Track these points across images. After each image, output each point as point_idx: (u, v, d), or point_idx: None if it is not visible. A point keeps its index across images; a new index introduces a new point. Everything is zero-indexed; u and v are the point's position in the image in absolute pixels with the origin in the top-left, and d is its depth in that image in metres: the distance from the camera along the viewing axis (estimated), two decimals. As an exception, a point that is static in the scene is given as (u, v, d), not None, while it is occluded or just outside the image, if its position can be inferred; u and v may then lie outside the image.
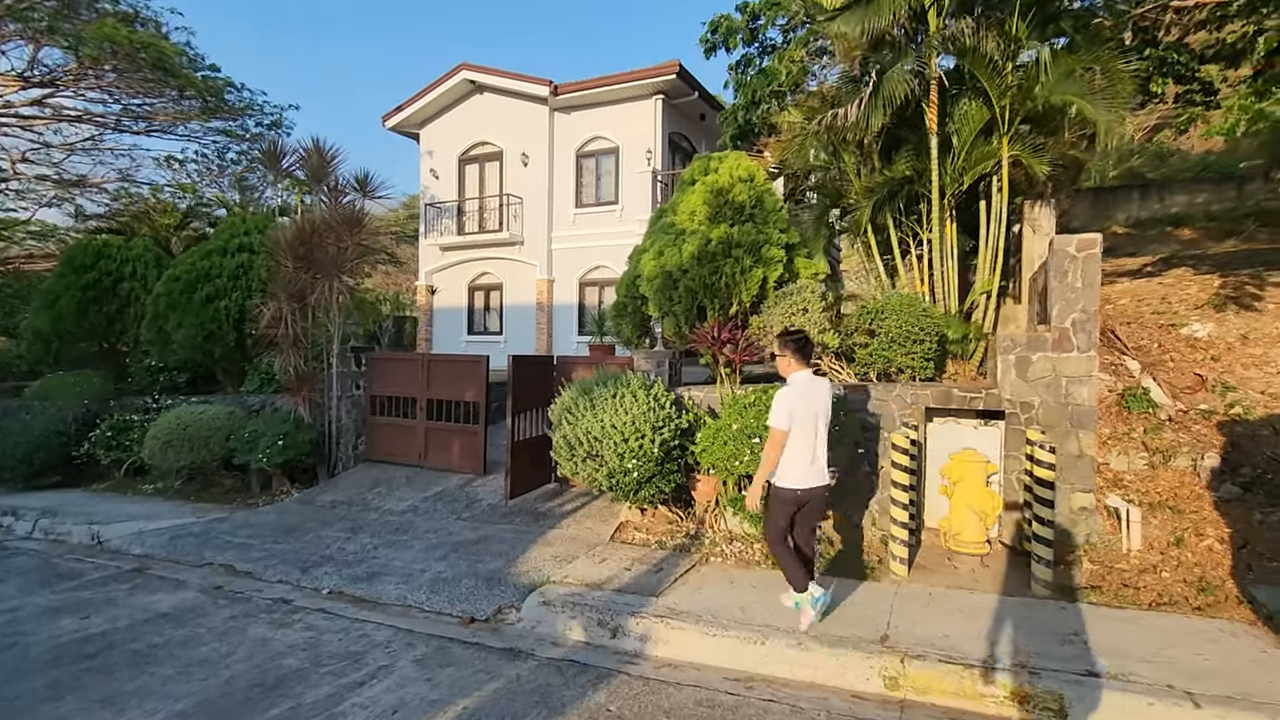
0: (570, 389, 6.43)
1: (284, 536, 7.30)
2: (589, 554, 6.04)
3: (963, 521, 5.33)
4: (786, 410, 4.28)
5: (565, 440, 6.11)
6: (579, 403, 6.14)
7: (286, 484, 9.26)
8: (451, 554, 6.43)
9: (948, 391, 6.06)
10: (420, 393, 9.17)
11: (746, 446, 5.51)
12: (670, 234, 7.38)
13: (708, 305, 6.94)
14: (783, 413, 4.28)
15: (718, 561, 5.82)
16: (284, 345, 8.92)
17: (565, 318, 19.41)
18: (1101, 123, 6.71)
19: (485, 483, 8.54)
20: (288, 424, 8.97)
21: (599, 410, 6.02)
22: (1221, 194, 18.15)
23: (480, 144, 20.46)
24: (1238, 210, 16.51)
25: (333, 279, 8.73)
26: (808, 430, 4.33)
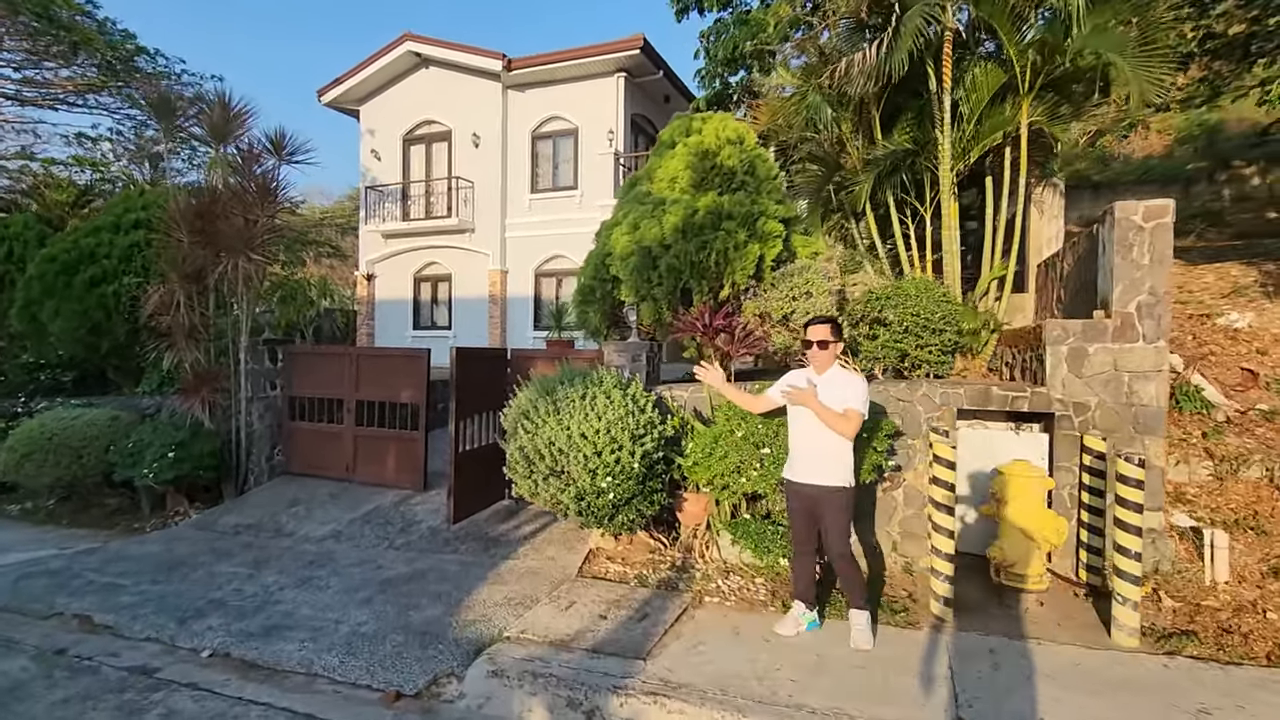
0: (528, 388, 5.19)
1: (167, 574, 5.83)
2: (552, 595, 4.81)
3: (1017, 549, 4.32)
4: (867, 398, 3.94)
5: (522, 453, 4.85)
6: (539, 406, 4.90)
7: (184, 504, 7.71)
8: (378, 596, 5.11)
9: (985, 390, 5.06)
10: (349, 393, 7.76)
11: (754, 459, 4.39)
12: (647, 204, 6.20)
13: (694, 287, 5.80)
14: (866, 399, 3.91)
15: (714, 603, 4.67)
16: (177, 336, 7.39)
17: (520, 311, 18.03)
18: (1137, 84, 5.81)
19: (425, 500, 7.19)
20: (182, 431, 7.43)
21: (565, 415, 4.79)
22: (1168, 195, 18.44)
23: (426, 123, 18.87)
24: (1185, 210, 16.51)
25: (238, 257, 7.24)
26: None
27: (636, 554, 5.47)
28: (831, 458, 3.89)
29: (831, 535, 3.93)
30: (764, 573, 4.98)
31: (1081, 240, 6.00)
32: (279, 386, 8.19)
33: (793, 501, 4.04)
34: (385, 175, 19.40)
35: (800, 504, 3.99)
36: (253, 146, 7.96)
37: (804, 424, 3.97)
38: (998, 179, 7.42)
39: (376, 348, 8.85)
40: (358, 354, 7.77)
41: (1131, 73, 5.73)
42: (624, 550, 5.54)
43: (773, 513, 4.70)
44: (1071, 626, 4.18)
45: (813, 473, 3.93)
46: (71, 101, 19.07)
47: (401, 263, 19.29)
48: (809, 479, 3.94)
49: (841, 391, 3.87)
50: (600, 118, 16.90)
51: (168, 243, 7.30)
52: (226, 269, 7.19)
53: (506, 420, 5.21)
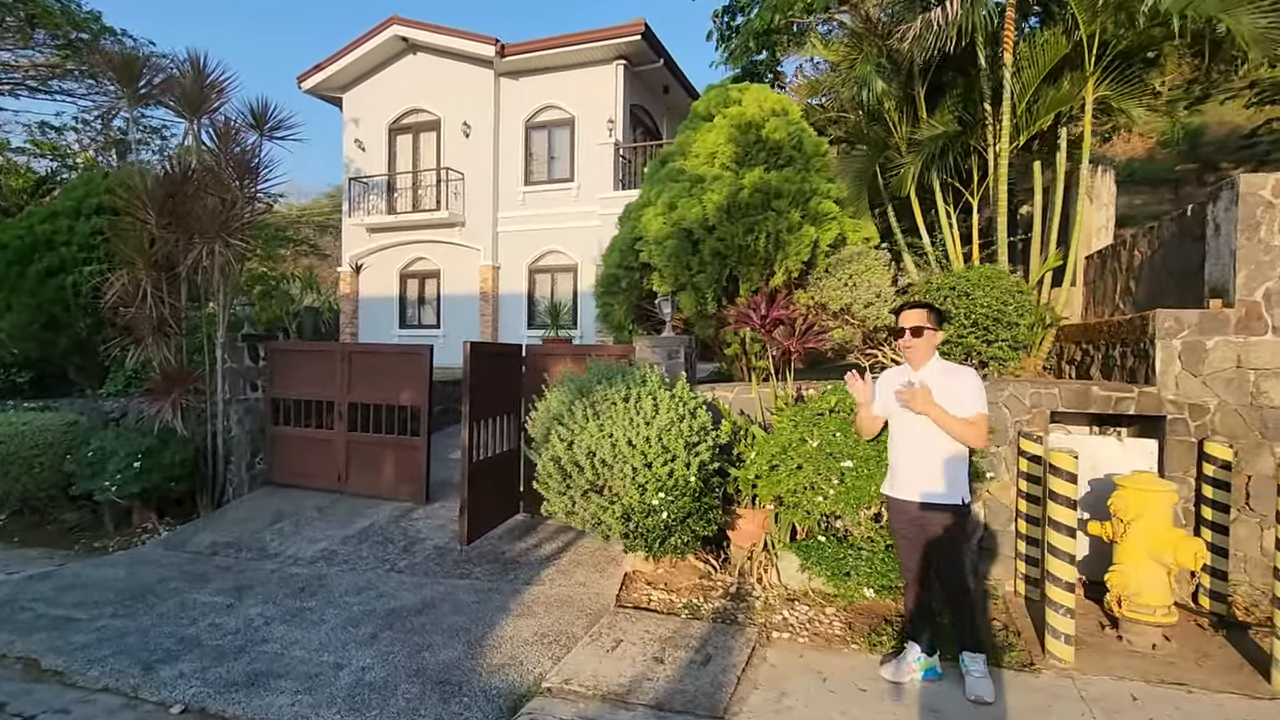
0: (559, 388, 4.47)
1: (131, 604, 5.01)
2: (592, 631, 4.10)
3: (1142, 577, 3.70)
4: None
5: (557, 465, 4.13)
6: (576, 409, 4.18)
7: (152, 519, 6.85)
8: (383, 632, 4.35)
9: (1084, 390, 4.44)
10: (340, 395, 6.96)
11: (833, 473, 3.72)
12: (682, 181, 5.52)
13: (741, 274, 5.11)
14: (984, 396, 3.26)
15: (783, 639, 3.99)
16: (144, 331, 6.54)
17: (513, 309, 17.26)
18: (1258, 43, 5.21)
19: (428, 514, 6.43)
20: (150, 438, 6.58)
21: (606, 420, 4.08)
22: (1160, 196, 18.41)
23: (414, 111, 18.03)
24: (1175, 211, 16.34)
25: (215, 242, 6.42)
26: None
27: (681, 578, 4.78)
28: (944, 470, 3.23)
29: (944, 562, 3.28)
30: (834, 601, 4.31)
31: (1166, 225, 5.43)
32: (260, 388, 7.36)
33: (897, 522, 3.39)
34: (370, 166, 18.50)
35: (907, 525, 3.34)
36: (230, 120, 7.12)
37: (907, 429, 3.32)
38: (1053, 160, 6.86)
39: (371, 344, 8.08)
40: (350, 351, 6.98)
41: (1246, 33, 5.13)
42: (666, 574, 4.84)
43: (851, 533, 4.04)
44: (1214, 668, 3.57)
45: (921, 488, 3.27)
46: (33, 86, 17.93)
47: (387, 258, 18.40)
48: (916, 495, 3.29)
49: (956, 390, 3.23)
50: (598, 107, 16.19)
51: (133, 226, 6.45)
52: (201, 256, 6.35)
53: (534, 426, 4.48)
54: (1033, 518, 4.36)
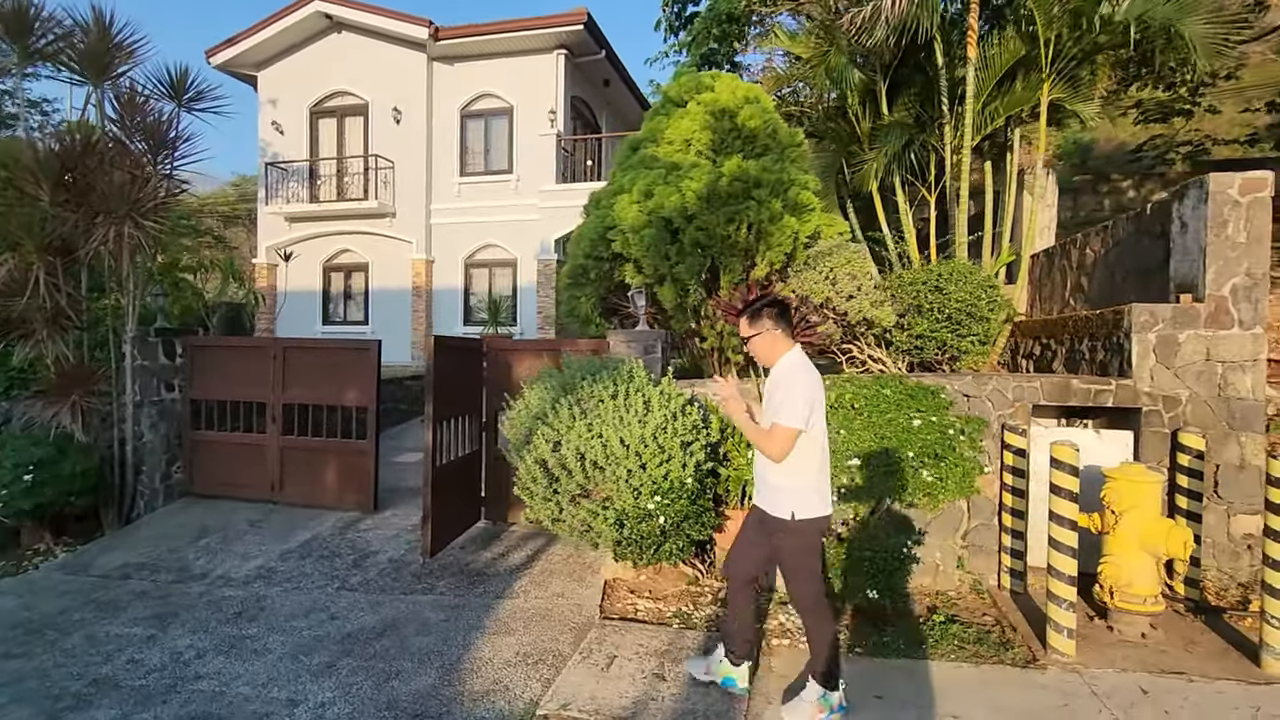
0: (540, 385, 4.12)
1: (27, 641, 4.29)
2: (582, 648, 3.78)
3: (1134, 567, 3.74)
4: (807, 401, 2.81)
5: (542, 468, 3.79)
6: (561, 407, 3.85)
7: (46, 539, 5.98)
8: (342, 660, 3.88)
9: (1064, 384, 4.49)
10: (273, 395, 6.29)
11: (841, 472, 3.55)
12: (657, 169, 5.26)
13: (723, 265, 4.91)
14: (801, 404, 2.80)
15: (784, 646, 3.81)
16: (37, 324, 5.68)
17: (448, 304, 16.51)
18: (1204, 50, 5.45)
19: (378, 524, 5.90)
20: (43, 447, 5.72)
21: (594, 419, 3.77)
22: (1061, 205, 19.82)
23: (339, 94, 16.95)
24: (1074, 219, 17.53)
25: (123, 223, 5.63)
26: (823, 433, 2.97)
27: (666, 585, 4.52)
28: (767, 479, 2.99)
29: (786, 579, 3.10)
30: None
31: (1121, 224, 5.61)
32: (178, 388, 6.58)
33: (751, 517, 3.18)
34: (289, 151, 17.25)
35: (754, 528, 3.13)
36: (140, 87, 6.31)
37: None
38: (1004, 160, 7.04)
39: (310, 339, 7.40)
40: (286, 347, 6.33)
41: (1197, 40, 5.35)
42: (649, 581, 4.58)
43: (848, 537, 3.90)
44: (1204, 655, 3.64)
45: (760, 496, 3.08)
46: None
47: (309, 250, 17.20)
48: (759, 502, 3.09)
49: (771, 396, 2.92)
50: (538, 97, 15.69)
51: (20, 202, 5.57)
52: (107, 237, 5.56)
53: (511, 426, 4.11)
54: (1018, 511, 4.37)
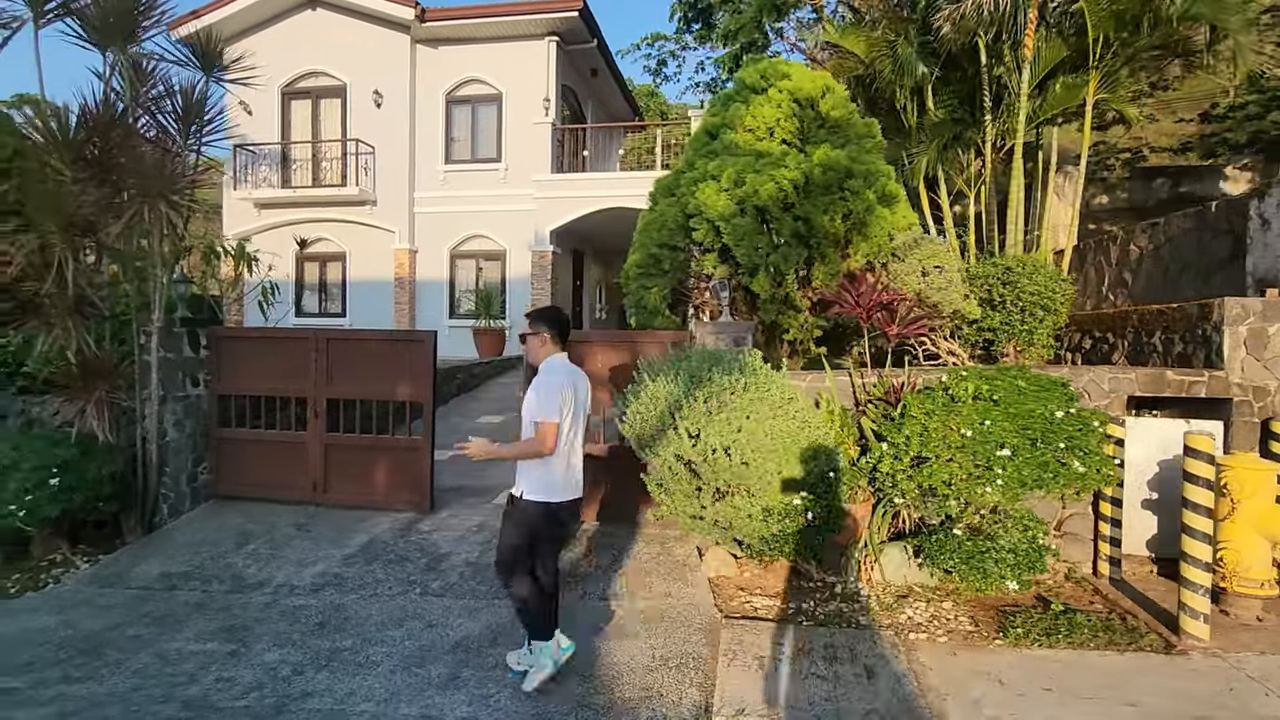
0: (665, 376, 3.95)
1: (86, 662, 3.88)
2: (723, 650, 3.65)
3: (1251, 552, 3.86)
4: (561, 399, 3.29)
5: (688, 467, 3.63)
6: (698, 399, 3.70)
7: (62, 548, 5.45)
8: (463, 670, 3.65)
9: (1159, 375, 4.61)
10: (315, 389, 5.89)
11: (997, 463, 3.53)
12: (743, 156, 5.14)
13: (819, 256, 4.84)
14: (556, 402, 3.27)
15: (923, 639, 3.77)
16: (57, 312, 5.14)
17: (433, 296, 15.98)
18: (1244, 55, 5.69)
19: (438, 525, 5.61)
20: (65, 447, 5.20)
21: (732, 410, 3.64)
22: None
23: (314, 73, 16.14)
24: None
25: (156, 202, 5.15)
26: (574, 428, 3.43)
27: (773, 582, 4.43)
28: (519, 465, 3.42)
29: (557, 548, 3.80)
30: (950, 596, 4.17)
31: (1175, 221, 5.81)
32: (203, 383, 6.09)
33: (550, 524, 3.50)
34: (258, 133, 16.27)
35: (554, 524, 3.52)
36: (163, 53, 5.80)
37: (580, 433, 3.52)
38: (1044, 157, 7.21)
39: (357, 330, 6.98)
40: (329, 338, 5.92)
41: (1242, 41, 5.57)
42: (755, 578, 4.48)
43: (982, 527, 3.88)
44: (1322, 633, 3.79)
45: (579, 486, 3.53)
46: None
47: (280, 238, 16.32)
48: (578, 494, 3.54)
49: (528, 397, 3.39)
50: (527, 84, 15.30)
51: (42, 177, 5.02)
52: (144, 216, 5.07)
53: (633, 420, 3.93)
54: (1116, 499, 4.46)
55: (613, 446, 5.51)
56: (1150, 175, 13.39)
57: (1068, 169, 8.36)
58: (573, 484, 3.45)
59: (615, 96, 19.40)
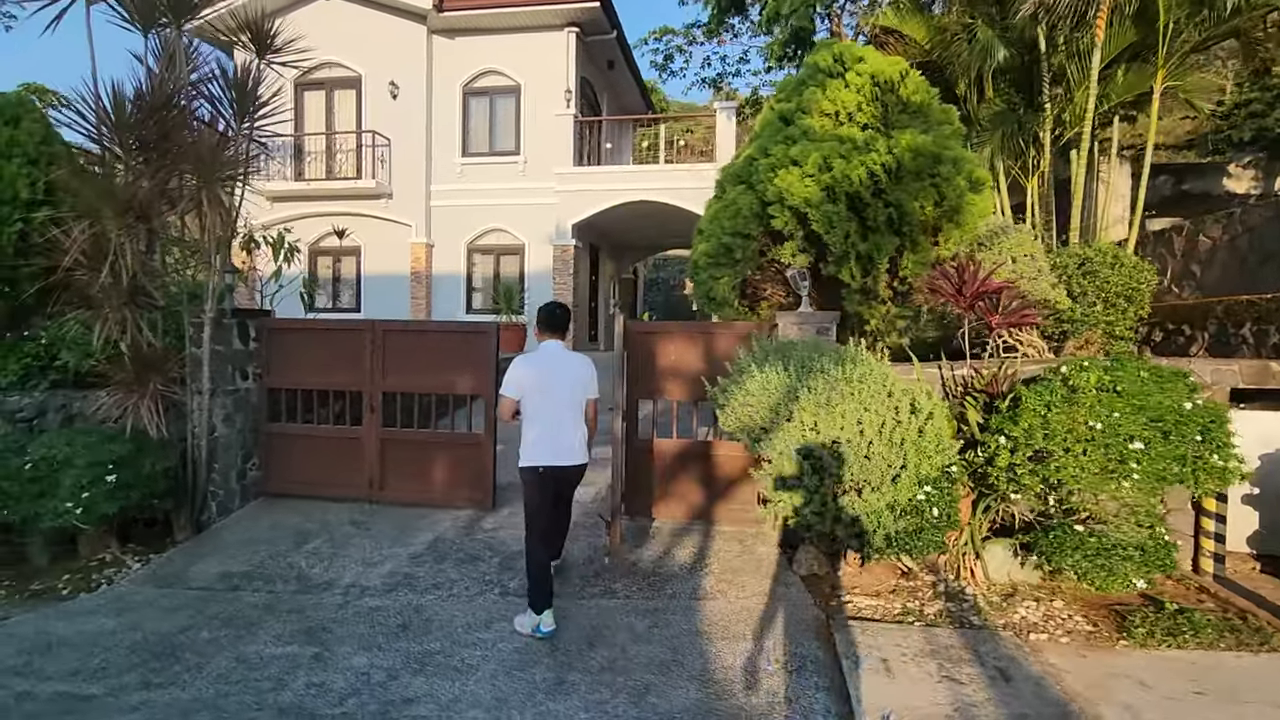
0: (772, 366, 3.78)
1: (161, 666, 3.69)
2: (842, 653, 3.49)
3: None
4: (514, 380, 3.94)
5: (810, 461, 3.46)
6: (813, 391, 3.54)
7: (112, 546, 5.25)
8: (569, 674, 3.47)
9: (1263, 367, 4.49)
10: (370, 383, 5.69)
11: (1130, 456, 3.39)
12: (828, 141, 4.98)
13: (909, 243, 4.68)
14: (510, 382, 3.96)
15: (1043, 640, 3.63)
16: (110, 301, 4.92)
17: (449, 291, 15.75)
18: None
19: (502, 523, 5.43)
20: (120, 442, 4.99)
21: (850, 403, 3.48)
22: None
23: (328, 64, 15.80)
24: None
25: (214, 187, 4.95)
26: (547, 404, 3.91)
27: (868, 580, 4.28)
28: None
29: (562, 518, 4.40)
30: (1057, 594, 4.04)
31: (1257, 212, 5.70)
32: (253, 376, 5.89)
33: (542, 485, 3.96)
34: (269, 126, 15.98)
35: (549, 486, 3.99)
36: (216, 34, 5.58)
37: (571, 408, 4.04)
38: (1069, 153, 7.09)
39: (414, 321, 6.76)
40: (385, 329, 5.73)
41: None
42: (848, 576, 4.33)
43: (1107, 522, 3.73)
44: None
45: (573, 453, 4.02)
46: None
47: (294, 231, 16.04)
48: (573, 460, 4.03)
49: None
50: (546, 76, 15.07)
51: (99, 160, 4.80)
52: (202, 202, 4.86)
53: (741, 412, 3.76)
54: (1221, 495, 4.33)
55: (690, 442, 5.37)
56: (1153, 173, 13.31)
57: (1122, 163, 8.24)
58: (561, 450, 3.88)
59: (631, 90, 19.20)
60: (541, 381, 3.90)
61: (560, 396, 3.91)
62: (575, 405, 3.96)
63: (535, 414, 3.88)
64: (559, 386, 3.91)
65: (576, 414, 3.97)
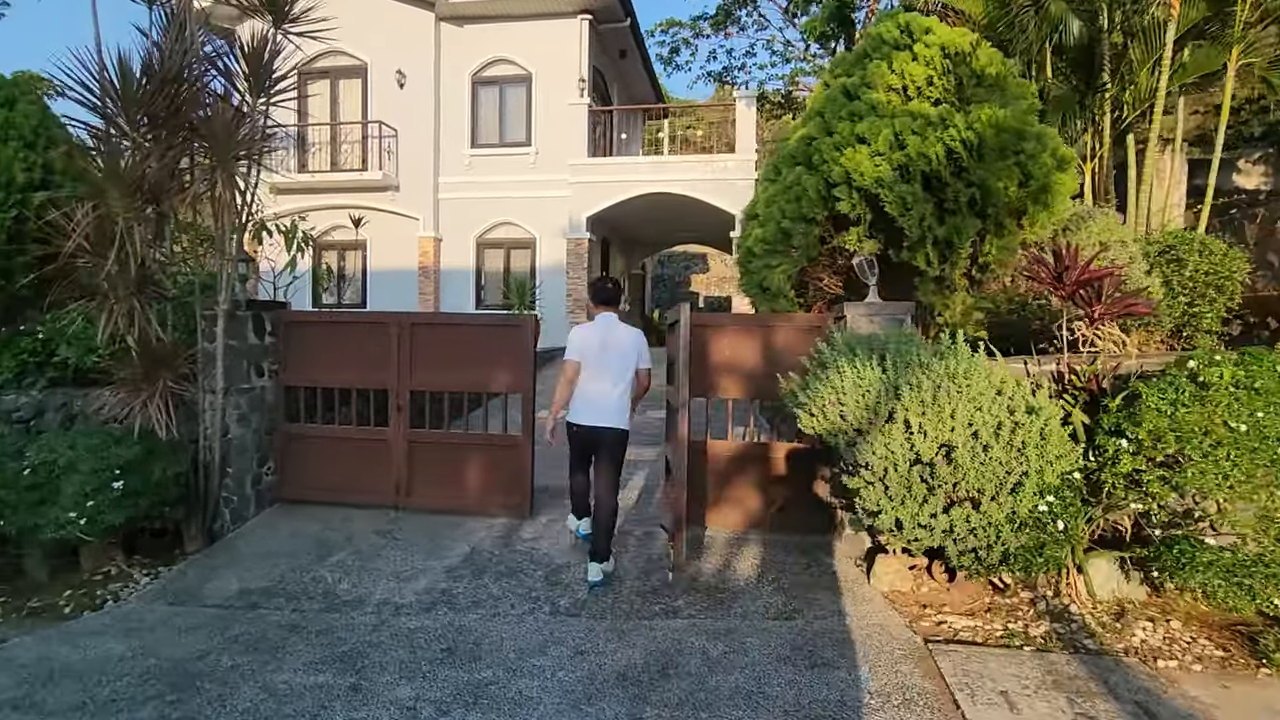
0: (860, 359, 3.38)
1: (180, 698, 3.27)
2: (953, 684, 3.09)
3: None
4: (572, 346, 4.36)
5: (919, 466, 3.06)
6: (918, 389, 3.14)
7: (117, 559, 4.82)
8: (645, 707, 3.06)
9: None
10: (397, 380, 5.27)
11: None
12: (901, 116, 4.57)
13: (992, 228, 4.28)
14: (569, 348, 4.36)
15: (1173, 668, 3.24)
16: (116, 291, 4.49)
17: (458, 286, 15.33)
18: None
19: (541, 531, 5.02)
20: (127, 445, 4.56)
21: (960, 403, 3.08)
22: None
23: (333, 53, 15.24)
24: None
25: (230, 167, 4.52)
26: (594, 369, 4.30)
27: (957, 596, 3.89)
28: None
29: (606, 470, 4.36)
30: (1175, 613, 3.65)
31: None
32: (268, 372, 5.46)
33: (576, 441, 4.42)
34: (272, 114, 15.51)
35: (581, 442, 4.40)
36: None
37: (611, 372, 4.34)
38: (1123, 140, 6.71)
39: (443, 313, 6.34)
40: (413, 323, 5.31)
41: None
42: (934, 592, 3.93)
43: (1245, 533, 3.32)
44: None
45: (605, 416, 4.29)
46: None
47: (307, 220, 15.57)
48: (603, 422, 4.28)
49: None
50: (558, 65, 14.64)
51: (104, 137, 4.37)
52: (216, 183, 4.44)
53: (830, 412, 3.36)
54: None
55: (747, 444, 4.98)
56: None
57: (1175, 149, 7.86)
58: (594, 412, 4.24)
59: (641, 80, 18.80)
60: (596, 347, 4.29)
61: (607, 363, 4.26)
62: (619, 372, 4.28)
63: (585, 378, 4.29)
64: (609, 353, 4.28)
65: (619, 381, 4.27)
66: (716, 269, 29.33)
